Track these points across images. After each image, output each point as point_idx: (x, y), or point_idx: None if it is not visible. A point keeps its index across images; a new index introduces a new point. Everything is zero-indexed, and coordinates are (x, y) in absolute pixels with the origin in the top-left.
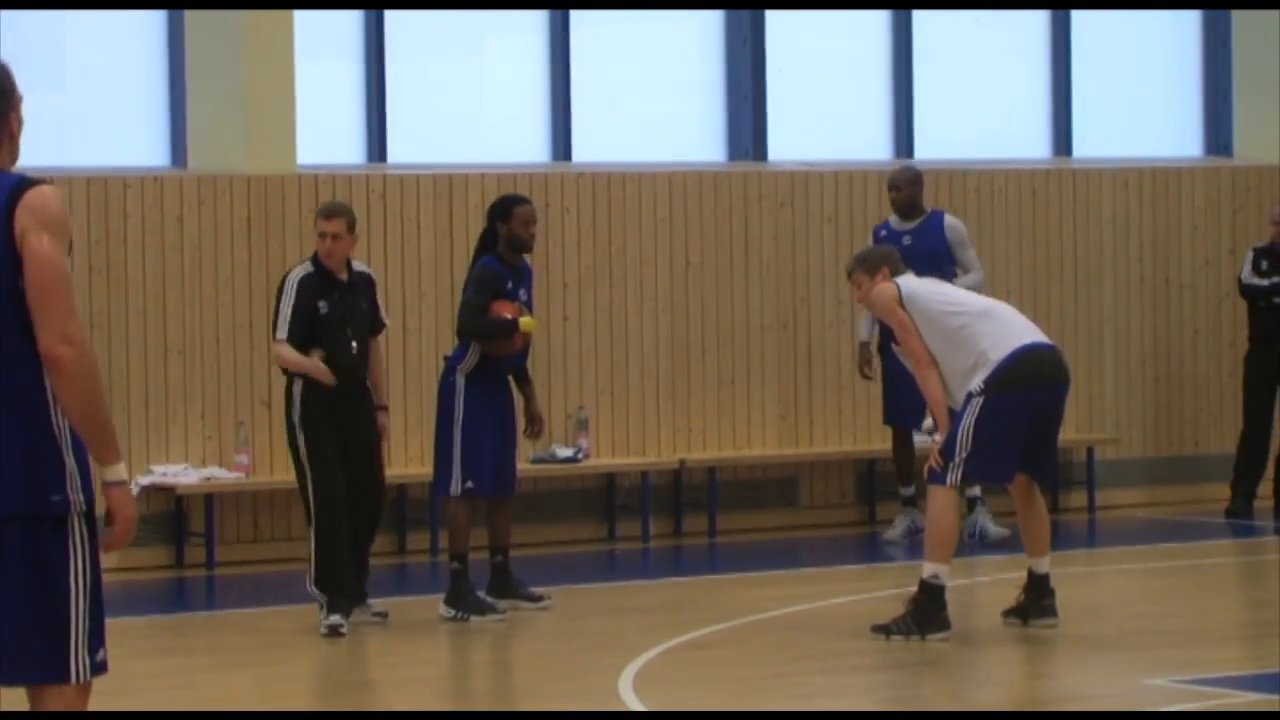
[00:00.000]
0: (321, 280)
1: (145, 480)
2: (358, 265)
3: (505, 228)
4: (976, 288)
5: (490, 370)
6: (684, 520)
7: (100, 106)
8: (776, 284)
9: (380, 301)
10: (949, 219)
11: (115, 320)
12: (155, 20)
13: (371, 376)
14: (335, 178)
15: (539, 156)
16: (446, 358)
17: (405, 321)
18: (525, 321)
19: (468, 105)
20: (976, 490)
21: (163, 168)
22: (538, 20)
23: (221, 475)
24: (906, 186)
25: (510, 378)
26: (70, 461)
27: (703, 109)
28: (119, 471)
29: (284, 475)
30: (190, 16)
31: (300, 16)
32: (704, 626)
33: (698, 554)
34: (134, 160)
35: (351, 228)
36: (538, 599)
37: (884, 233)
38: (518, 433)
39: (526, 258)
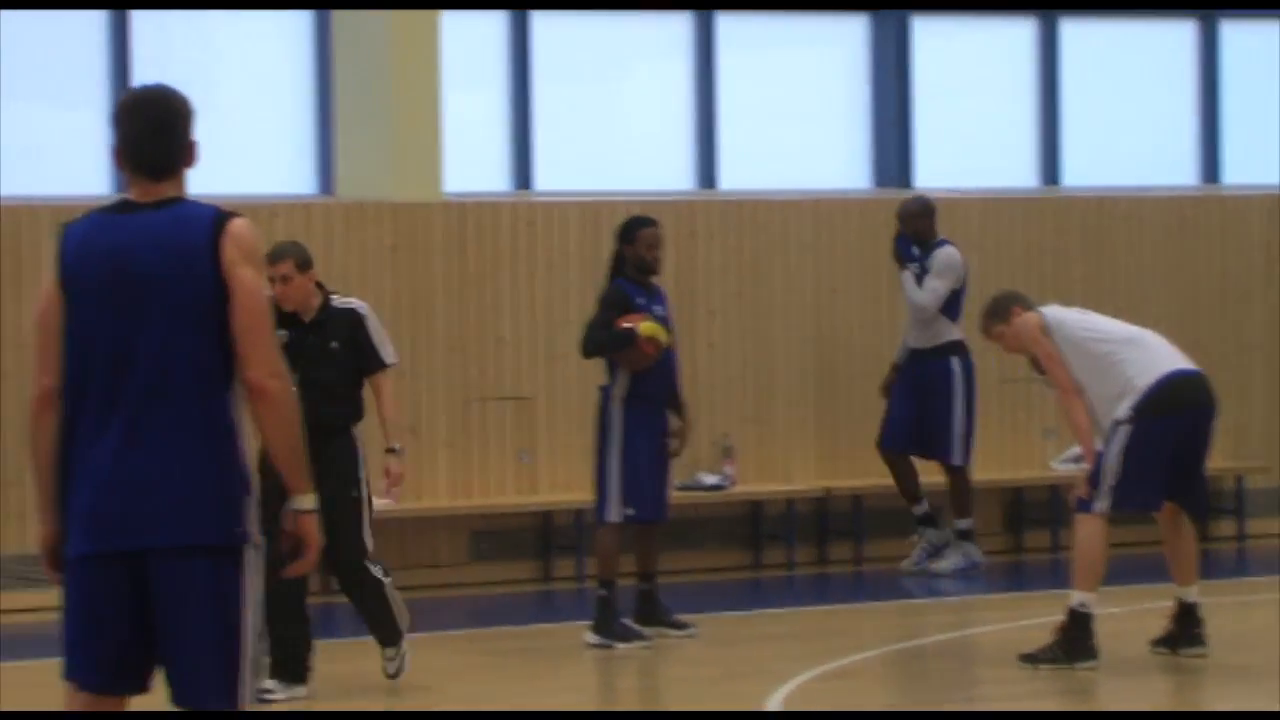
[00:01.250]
0: (281, 315)
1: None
2: (340, 301)
3: (630, 250)
4: (911, 304)
5: (644, 396)
6: (829, 547)
7: (249, 134)
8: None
9: (375, 337)
10: (943, 249)
11: None
12: (303, 49)
13: (379, 417)
14: (481, 205)
15: (684, 183)
16: (601, 386)
17: (553, 349)
18: (644, 326)
19: (613, 132)
20: (969, 523)
21: (310, 195)
22: (683, 47)
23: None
24: (915, 218)
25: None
26: (251, 494)
27: (848, 135)
28: (310, 500)
29: (431, 501)
30: (339, 45)
31: (447, 44)
32: (850, 654)
33: (843, 581)
34: (282, 188)
35: (302, 266)
36: (683, 626)
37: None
38: (670, 459)
39: (656, 280)
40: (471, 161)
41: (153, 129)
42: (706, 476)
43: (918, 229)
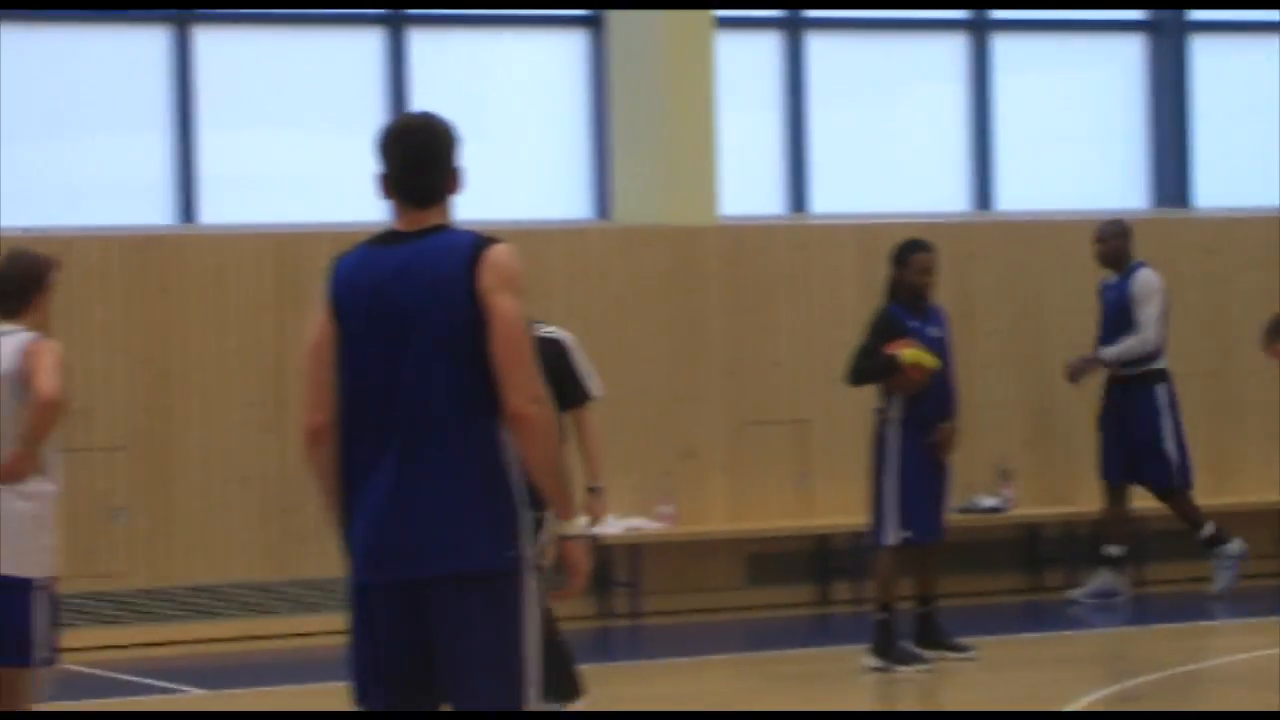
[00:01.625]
0: None
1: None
2: (545, 331)
3: (903, 274)
4: (1130, 352)
5: (919, 420)
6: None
7: (525, 160)
8: (1202, 331)
9: (580, 369)
10: (1142, 272)
11: None
12: (578, 73)
13: (583, 453)
14: (756, 228)
15: (960, 205)
16: (876, 409)
17: (829, 372)
18: (906, 353)
19: (889, 153)
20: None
21: (586, 220)
22: (959, 67)
23: (645, 525)
24: (1112, 239)
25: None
26: (527, 516)
27: (1126, 155)
28: (576, 526)
29: (708, 525)
30: (614, 69)
31: (722, 67)
32: (1134, 677)
33: (1124, 604)
34: (558, 213)
35: None
36: (963, 649)
37: (1101, 285)
38: (948, 481)
39: (934, 302)
40: (746, 184)
41: (417, 157)
42: (985, 499)
43: (1116, 249)
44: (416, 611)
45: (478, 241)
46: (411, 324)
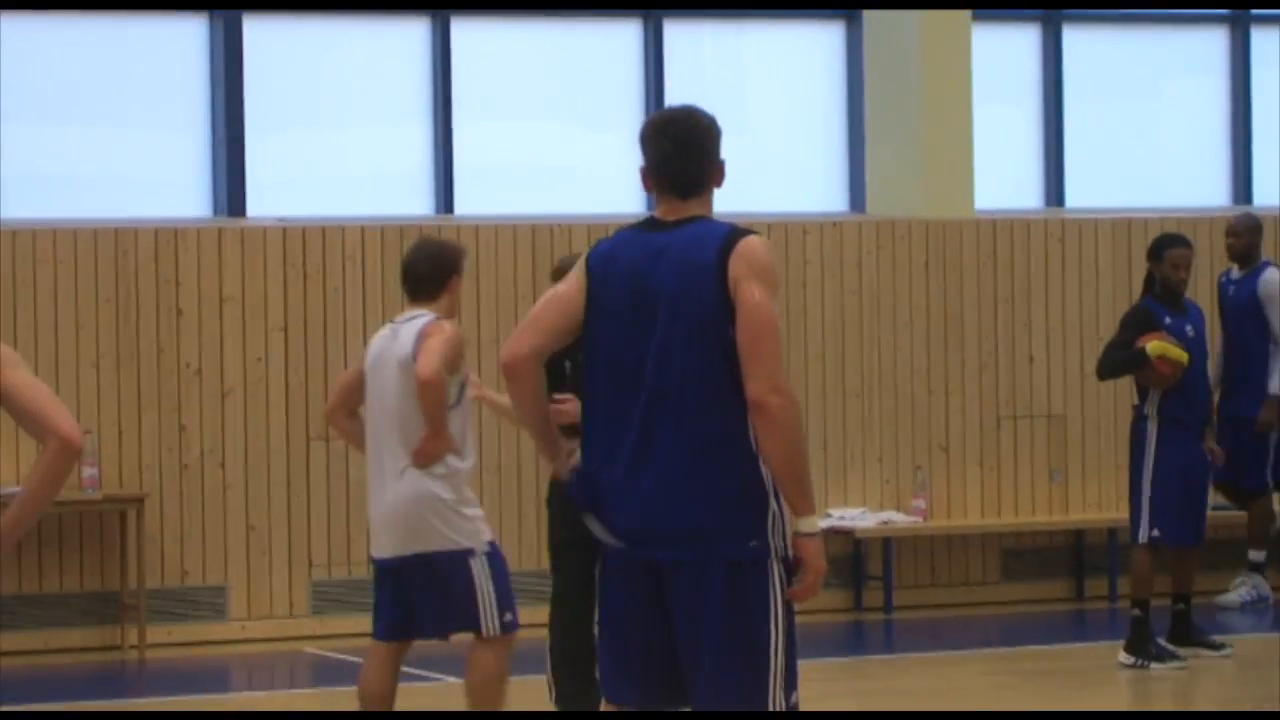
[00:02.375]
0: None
1: (824, 523)
2: None
3: (1158, 269)
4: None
5: (1176, 418)
6: None
7: (781, 153)
8: None
9: None
10: (1270, 271)
11: (794, 363)
12: (835, 67)
13: None
14: (1013, 222)
15: (1218, 200)
16: (1134, 406)
17: (1085, 366)
18: (1152, 346)
19: (1146, 148)
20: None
21: (842, 213)
22: (1218, 61)
23: (899, 519)
24: (1246, 234)
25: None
26: (775, 506)
27: None
28: (813, 523)
29: (962, 519)
30: (870, 61)
31: (979, 59)
32: None
33: None
34: (815, 206)
35: None
36: (1219, 647)
37: (1224, 279)
38: (1206, 482)
39: (1190, 297)
40: (1003, 178)
41: (680, 149)
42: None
43: (1249, 244)
44: (660, 595)
45: (732, 232)
46: (663, 307)
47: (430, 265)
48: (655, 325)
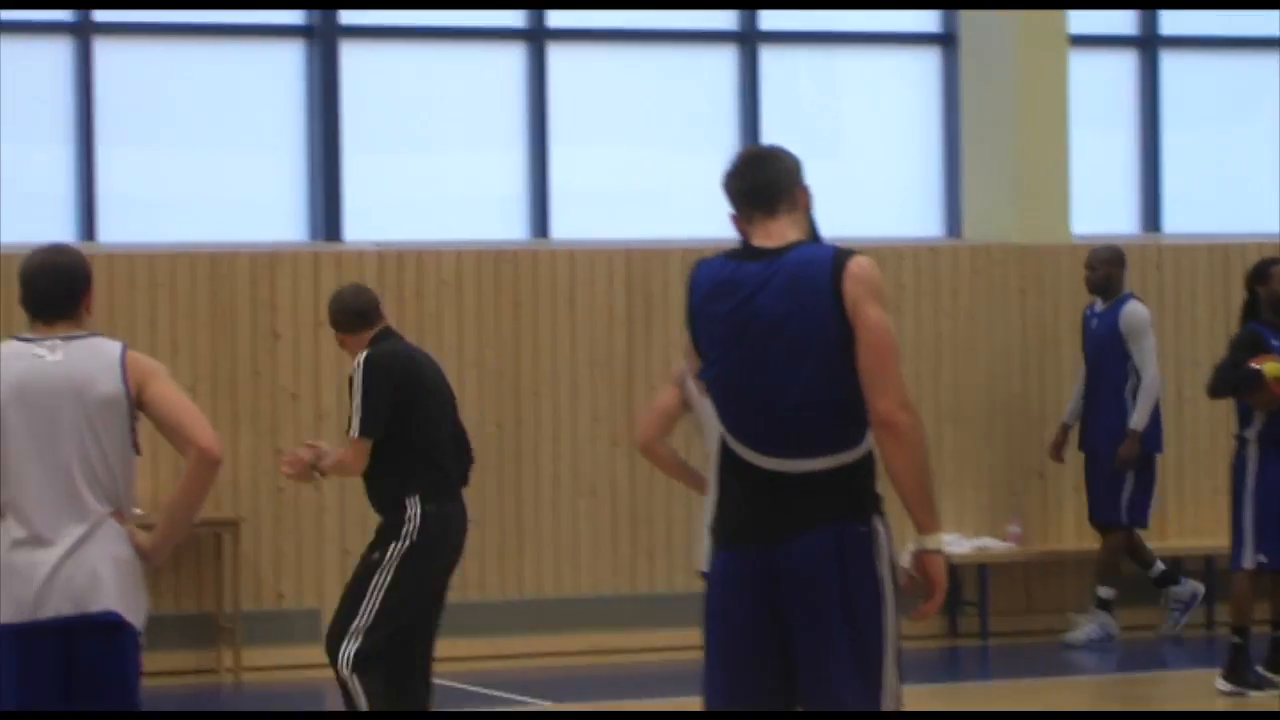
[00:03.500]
0: None
1: (916, 549)
2: None
3: (1263, 290)
4: (1148, 397)
5: (1278, 440)
6: None
7: (876, 178)
8: None
9: None
10: (1132, 304)
11: None
12: (930, 91)
13: None
14: (1110, 248)
15: None
16: (1235, 435)
17: (1181, 391)
18: (1270, 367)
19: (1243, 173)
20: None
21: (937, 238)
22: None
23: (994, 545)
24: (1103, 266)
25: None
26: (884, 523)
27: None
28: (938, 540)
29: (1057, 545)
30: (967, 89)
31: (1075, 85)
32: None
33: None
34: (910, 231)
35: None
36: None
37: (1088, 312)
38: None
39: None
40: (1099, 203)
41: (753, 166)
42: None
43: (1107, 275)
44: (769, 605)
45: (839, 254)
46: (775, 334)
47: None
48: (768, 350)
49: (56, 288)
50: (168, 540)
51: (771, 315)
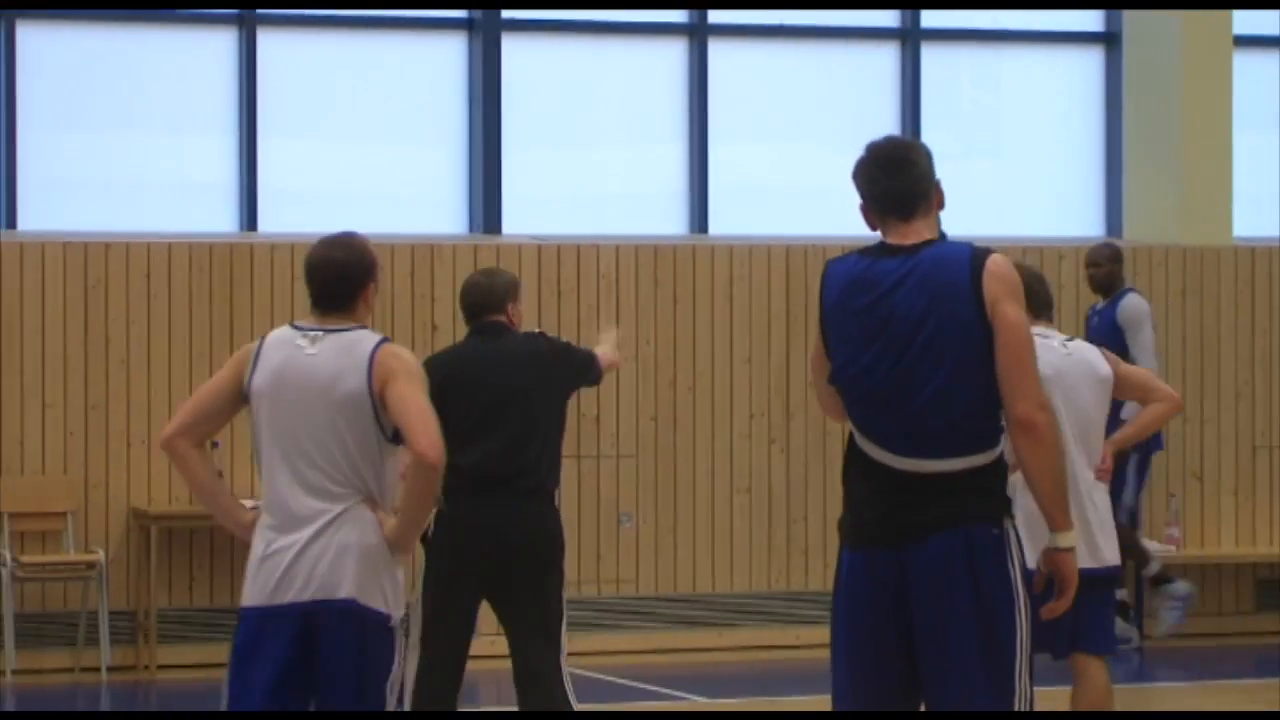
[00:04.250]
0: None
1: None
2: None
3: None
4: None
5: None
6: None
7: (1037, 176)
8: None
9: None
10: (1129, 297)
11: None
12: (1093, 90)
13: None
14: (1272, 250)
15: None
16: None
17: None
18: None
19: None
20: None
21: (1098, 238)
22: None
23: (1152, 548)
24: (1106, 264)
25: None
26: (1012, 529)
27: None
28: (1071, 538)
29: (1215, 549)
30: (1130, 88)
31: (1239, 85)
32: None
33: None
34: (1071, 231)
35: None
36: None
37: (1091, 311)
38: None
39: None
40: (1263, 204)
41: (889, 169)
42: None
43: (1110, 273)
44: (898, 607)
45: (976, 253)
46: (912, 332)
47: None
48: (905, 349)
49: (332, 282)
50: (405, 533)
51: (909, 313)
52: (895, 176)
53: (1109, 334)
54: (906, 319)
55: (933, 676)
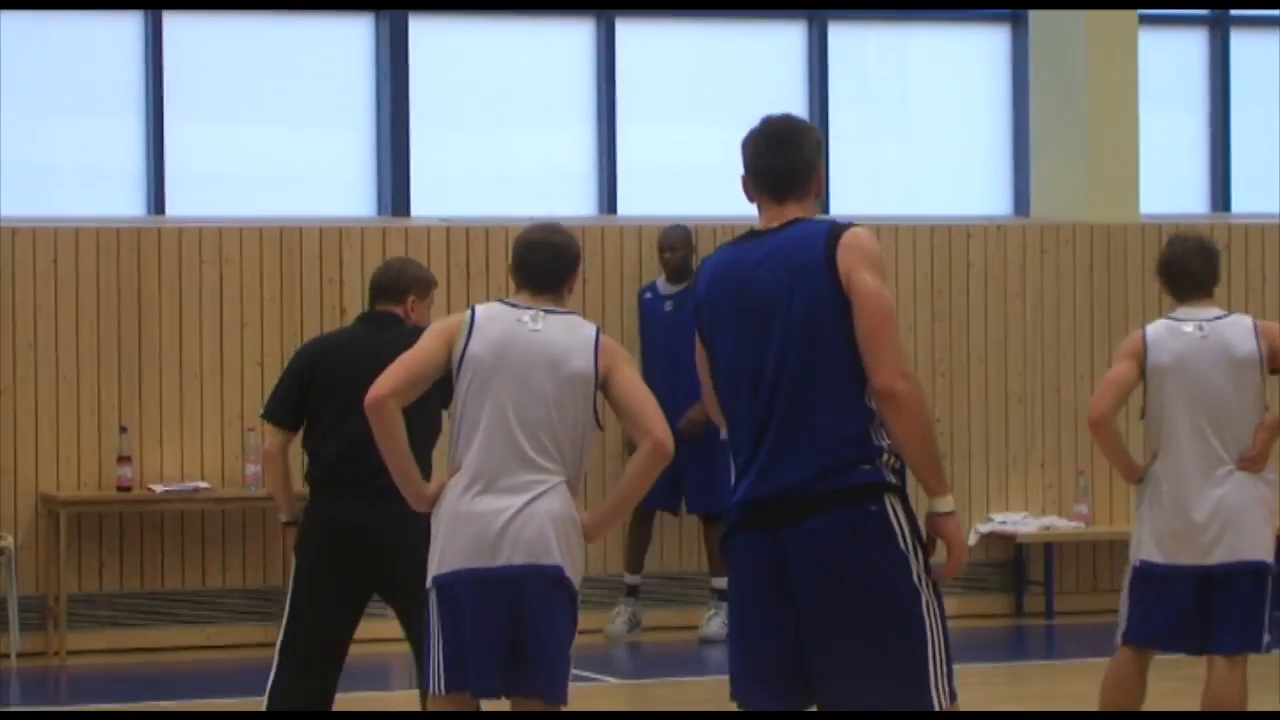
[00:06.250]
0: None
1: (985, 528)
2: None
3: None
4: None
5: None
6: None
7: (945, 156)
8: None
9: None
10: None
11: (957, 367)
12: (1000, 70)
13: None
14: (1179, 227)
15: None
16: None
17: None
18: None
19: None
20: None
21: (1006, 217)
22: None
23: (1061, 524)
24: (682, 247)
25: None
26: (899, 491)
27: None
28: (949, 502)
29: (1124, 525)
30: (1036, 67)
31: (1145, 64)
32: None
33: None
34: (978, 209)
35: None
36: None
37: (649, 295)
38: None
39: None
40: (1169, 182)
41: (773, 148)
42: None
43: (686, 257)
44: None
45: (834, 227)
46: (773, 312)
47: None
48: (768, 330)
49: (547, 264)
50: (610, 519)
51: (771, 292)
52: (776, 155)
53: (689, 320)
54: (768, 298)
55: (819, 665)
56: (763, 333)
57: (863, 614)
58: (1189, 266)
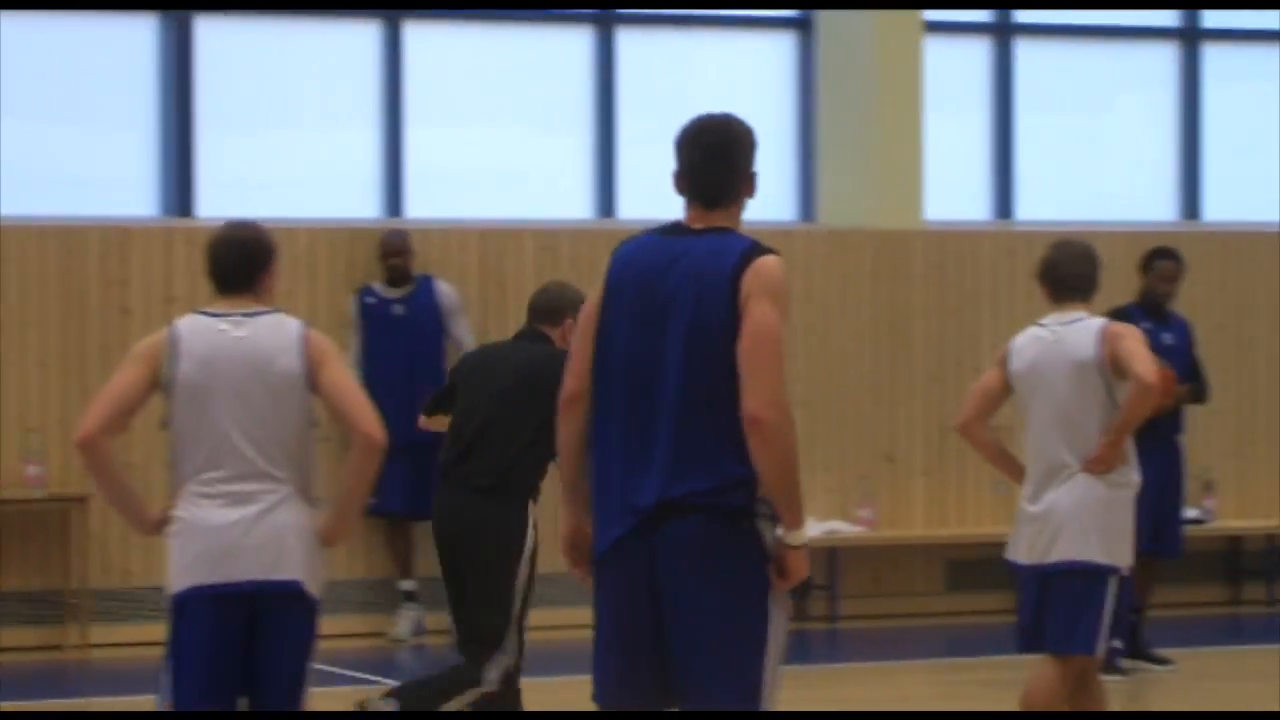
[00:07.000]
0: None
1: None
2: None
3: (1144, 279)
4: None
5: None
6: None
7: None
8: None
9: None
10: (444, 285)
11: None
12: (786, 76)
13: None
14: (962, 234)
15: (1167, 214)
16: None
17: None
18: None
19: (1096, 162)
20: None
21: (792, 222)
22: (1168, 77)
23: (844, 528)
24: (406, 252)
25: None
26: (765, 514)
27: None
28: (801, 536)
29: (907, 529)
30: (823, 74)
31: (930, 71)
32: None
33: None
34: (764, 214)
35: None
36: (1164, 662)
37: (371, 299)
38: (1181, 492)
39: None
40: (952, 190)
41: (707, 158)
42: (1187, 510)
43: (409, 262)
44: (648, 587)
45: (753, 247)
46: (671, 313)
47: (1084, 268)
48: (665, 328)
49: (239, 263)
50: (341, 522)
51: (671, 293)
52: (711, 169)
53: (425, 321)
54: (670, 297)
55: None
56: (659, 332)
57: (720, 608)
58: (1057, 271)
